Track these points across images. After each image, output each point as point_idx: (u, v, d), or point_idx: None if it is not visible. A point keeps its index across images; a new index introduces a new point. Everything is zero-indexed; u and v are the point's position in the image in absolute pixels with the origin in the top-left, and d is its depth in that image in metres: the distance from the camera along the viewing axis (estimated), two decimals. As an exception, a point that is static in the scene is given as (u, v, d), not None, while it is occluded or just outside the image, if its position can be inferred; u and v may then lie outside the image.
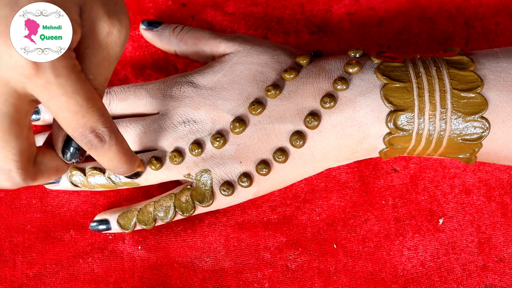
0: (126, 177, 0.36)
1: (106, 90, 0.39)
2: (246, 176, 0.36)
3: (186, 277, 0.38)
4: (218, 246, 0.38)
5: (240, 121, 0.36)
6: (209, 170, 0.36)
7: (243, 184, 0.36)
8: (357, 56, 0.37)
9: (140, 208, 0.37)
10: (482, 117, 0.34)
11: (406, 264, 0.38)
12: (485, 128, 0.34)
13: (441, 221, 0.39)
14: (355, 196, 0.39)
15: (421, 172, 0.40)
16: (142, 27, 0.41)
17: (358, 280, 0.38)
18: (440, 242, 0.38)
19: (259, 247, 0.38)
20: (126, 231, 0.37)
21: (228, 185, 0.36)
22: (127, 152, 0.32)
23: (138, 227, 0.37)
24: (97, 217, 0.38)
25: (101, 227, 0.37)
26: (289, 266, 0.38)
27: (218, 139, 0.36)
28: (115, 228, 0.37)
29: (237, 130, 0.36)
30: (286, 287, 0.38)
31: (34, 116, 0.39)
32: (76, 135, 0.28)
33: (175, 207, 0.36)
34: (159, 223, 0.37)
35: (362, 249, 0.38)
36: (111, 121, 0.29)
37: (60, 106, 0.27)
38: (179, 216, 0.37)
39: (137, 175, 0.35)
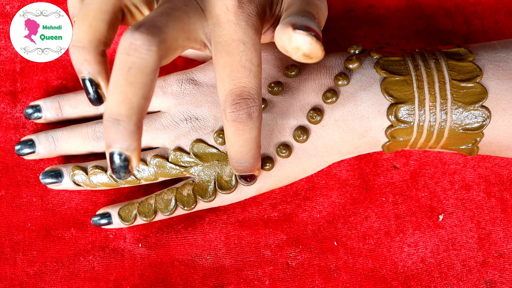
0: (240, 177, 0.35)
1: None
2: None
3: (186, 274, 0.38)
4: (218, 244, 0.38)
5: None
6: (212, 166, 0.36)
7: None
8: (357, 52, 0.37)
9: (141, 201, 0.37)
10: (483, 106, 0.34)
11: (407, 260, 0.38)
12: (485, 116, 0.34)
13: (441, 217, 0.39)
14: (356, 193, 0.39)
15: (421, 169, 0.40)
16: None
17: (359, 277, 0.38)
18: (440, 238, 0.38)
19: (259, 245, 0.38)
20: (127, 224, 0.37)
21: (231, 181, 0.36)
22: (259, 146, 0.31)
23: (139, 220, 0.37)
24: (99, 211, 0.38)
25: (103, 221, 0.37)
26: (290, 263, 0.38)
27: (221, 136, 0.36)
28: (116, 222, 0.37)
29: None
30: (287, 284, 0.38)
31: (36, 115, 0.39)
32: (227, 94, 0.28)
33: (176, 200, 0.36)
34: (159, 216, 0.37)
35: (362, 246, 0.38)
36: (261, 99, 0.29)
37: (232, 51, 0.27)
38: (180, 211, 0.37)
39: (251, 178, 0.35)
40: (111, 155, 0.26)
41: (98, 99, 0.29)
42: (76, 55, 0.28)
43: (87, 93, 0.29)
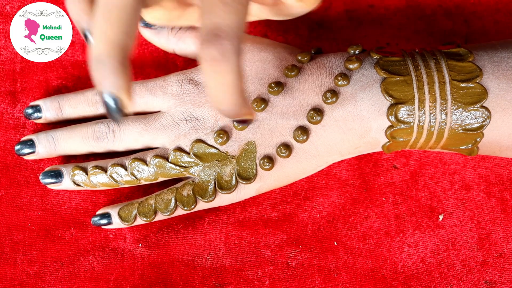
0: (235, 121, 0.32)
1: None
2: None
3: (186, 274, 0.38)
4: (218, 244, 0.38)
5: None
6: (212, 166, 0.36)
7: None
8: (357, 52, 0.37)
9: (141, 201, 0.37)
10: (483, 106, 0.34)
11: (407, 260, 0.38)
12: (485, 117, 0.34)
13: (441, 217, 0.39)
14: (356, 193, 0.39)
15: (421, 169, 0.40)
16: (140, 24, 0.42)
17: (359, 277, 0.38)
18: (440, 238, 0.38)
19: (259, 245, 0.38)
20: (127, 224, 0.37)
21: (231, 181, 0.36)
22: (241, 92, 0.27)
23: (139, 220, 0.37)
24: (99, 212, 0.38)
25: (103, 221, 0.37)
26: (290, 263, 0.38)
27: (221, 136, 0.36)
28: (116, 222, 0.37)
29: (240, 126, 0.36)
30: (287, 284, 0.38)
31: (36, 115, 0.39)
32: (201, 30, 0.25)
33: (176, 200, 0.36)
34: (159, 216, 0.37)
35: (362, 246, 0.38)
36: (240, 41, 0.26)
37: None
38: (180, 211, 0.37)
39: (244, 122, 0.31)
40: (103, 98, 0.25)
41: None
42: (72, 6, 0.27)
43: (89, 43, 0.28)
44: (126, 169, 0.37)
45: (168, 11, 0.31)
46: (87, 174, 0.37)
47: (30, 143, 0.38)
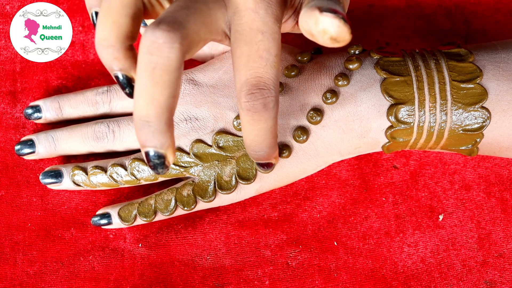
0: (257, 164, 0.34)
1: (106, 88, 0.39)
2: None
3: (186, 275, 0.38)
4: (218, 244, 0.38)
5: None
6: (212, 167, 0.36)
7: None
8: (357, 52, 0.37)
9: (141, 201, 0.37)
10: (483, 107, 0.34)
11: (407, 260, 0.38)
12: (485, 117, 0.34)
13: (441, 217, 0.39)
14: (356, 193, 0.39)
15: (421, 169, 0.40)
16: (142, 24, 0.42)
17: (359, 277, 0.38)
18: (440, 238, 0.38)
19: (259, 245, 0.38)
20: (127, 224, 0.37)
21: (231, 181, 0.36)
22: (275, 135, 0.31)
23: (139, 220, 0.37)
24: (99, 212, 0.38)
25: (103, 221, 0.37)
26: (290, 263, 0.38)
27: (220, 138, 0.36)
28: (116, 222, 0.37)
29: (240, 127, 0.36)
30: (287, 284, 0.38)
31: (36, 115, 0.39)
32: (242, 83, 0.28)
33: (176, 200, 0.36)
34: (159, 217, 0.37)
35: (362, 246, 0.38)
36: (278, 91, 0.29)
37: (250, 40, 0.27)
38: (180, 211, 0.37)
39: (268, 166, 0.34)
40: (147, 154, 0.27)
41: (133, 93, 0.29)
42: (104, 53, 0.28)
43: (122, 88, 0.29)
44: (126, 169, 0.37)
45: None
46: (87, 174, 0.37)
47: (30, 143, 0.38)
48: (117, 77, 0.29)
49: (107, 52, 0.28)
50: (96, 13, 0.30)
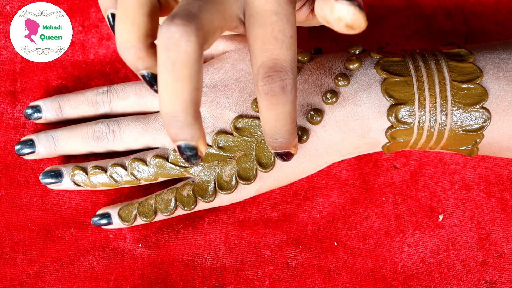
0: (276, 154, 0.33)
1: (106, 88, 0.39)
2: None
3: (186, 274, 0.38)
4: (218, 244, 0.38)
5: None
6: (212, 167, 0.36)
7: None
8: (357, 52, 0.37)
9: (141, 201, 0.37)
10: (483, 107, 0.34)
11: (407, 260, 0.38)
12: (486, 118, 0.34)
13: (441, 217, 0.39)
14: (356, 193, 0.39)
15: (421, 169, 0.40)
16: None
17: (359, 277, 0.38)
18: (440, 238, 0.38)
19: (259, 245, 0.38)
20: (127, 224, 0.37)
21: (231, 181, 0.36)
22: (295, 121, 0.30)
23: (139, 220, 0.37)
24: (99, 212, 0.38)
25: (103, 221, 0.37)
26: (290, 263, 0.38)
27: (220, 138, 0.36)
28: (116, 222, 0.37)
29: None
30: (287, 284, 0.38)
31: (36, 115, 0.39)
32: (259, 67, 0.27)
33: (176, 200, 0.36)
34: (159, 217, 0.37)
35: (362, 246, 0.38)
36: (296, 74, 0.28)
37: (264, 22, 0.27)
38: (180, 211, 0.37)
39: (288, 156, 0.33)
40: (179, 147, 0.27)
41: None
42: (128, 55, 0.28)
43: (150, 86, 0.29)
44: (126, 169, 0.37)
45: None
46: (87, 174, 0.37)
47: (30, 143, 0.38)
48: (143, 76, 0.29)
49: (130, 53, 0.28)
50: (112, 15, 0.30)
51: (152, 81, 0.29)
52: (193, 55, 0.25)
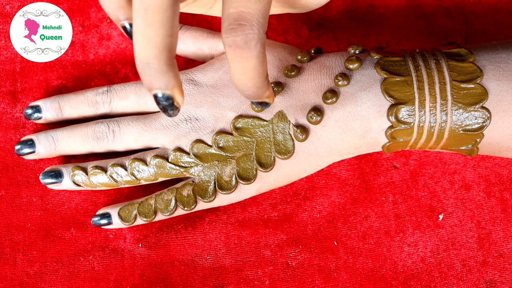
0: (254, 103, 0.32)
1: (106, 88, 0.39)
2: None
3: (186, 274, 0.38)
4: (218, 244, 0.38)
5: None
6: (212, 167, 0.36)
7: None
8: (357, 52, 0.37)
9: (141, 201, 0.37)
10: (483, 107, 0.34)
11: (407, 260, 0.38)
12: (486, 117, 0.34)
13: (441, 217, 0.39)
14: (356, 193, 0.39)
15: (421, 169, 0.40)
16: None
17: (359, 276, 0.38)
18: (440, 238, 0.38)
19: (259, 245, 0.38)
20: (127, 224, 0.37)
21: (231, 181, 0.36)
22: (263, 75, 0.29)
23: (139, 220, 0.37)
24: (99, 212, 0.38)
25: (103, 221, 0.37)
26: (290, 263, 0.38)
27: (220, 138, 0.36)
28: (116, 222, 0.37)
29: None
30: (287, 284, 0.38)
31: (36, 115, 0.39)
32: (225, 17, 0.26)
33: (176, 200, 0.36)
34: (159, 217, 0.37)
35: (362, 246, 0.38)
36: (264, 29, 0.27)
37: None
38: (180, 211, 0.37)
39: (264, 105, 0.32)
40: (155, 96, 0.26)
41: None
42: (108, 4, 0.27)
43: (130, 37, 0.28)
44: (126, 169, 0.37)
45: (201, 3, 0.31)
46: (87, 174, 0.37)
47: (30, 143, 0.38)
48: (124, 28, 0.28)
49: (111, 2, 0.27)
50: None
51: (132, 33, 0.28)
52: (166, 1, 0.25)
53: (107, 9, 0.28)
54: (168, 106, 0.27)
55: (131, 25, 0.28)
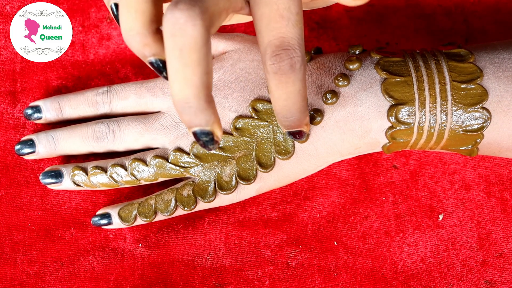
0: (288, 133, 0.33)
1: (106, 88, 0.39)
2: None
3: (186, 275, 0.38)
4: (218, 244, 0.38)
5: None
6: (212, 167, 0.36)
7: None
8: (357, 52, 0.37)
9: (141, 201, 0.37)
10: (483, 108, 0.34)
11: (407, 260, 0.38)
12: (486, 118, 0.34)
13: (441, 217, 0.39)
14: (356, 193, 0.39)
15: (421, 169, 0.40)
16: None
17: (359, 277, 0.38)
18: (440, 238, 0.38)
19: (259, 245, 0.38)
20: (127, 224, 0.37)
21: (231, 182, 0.36)
22: (306, 99, 0.30)
23: (139, 220, 0.37)
24: (99, 212, 0.38)
25: (103, 221, 0.37)
26: (290, 263, 0.38)
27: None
28: (116, 222, 0.37)
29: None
30: (287, 284, 0.38)
31: (36, 115, 0.39)
32: (266, 46, 0.27)
33: (176, 200, 0.37)
34: (159, 217, 0.37)
35: (362, 246, 0.38)
36: (304, 51, 0.28)
37: (269, 1, 0.26)
38: (180, 211, 0.37)
39: (300, 134, 0.33)
40: (195, 134, 0.27)
41: None
42: (134, 42, 0.27)
43: (159, 72, 0.29)
44: (126, 170, 0.37)
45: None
46: (87, 174, 0.37)
47: (30, 143, 0.38)
48: (151, 63, 0.29)
49: (135, 40, 0.27)
50: (116, 5, 0.30)
51: (160, 67, 0.29)
52: (200, 39, 0.25)
53: (133, 47, 0.28)
54: (208, 141, 0.27)
55: (160, 61, 0.28)
